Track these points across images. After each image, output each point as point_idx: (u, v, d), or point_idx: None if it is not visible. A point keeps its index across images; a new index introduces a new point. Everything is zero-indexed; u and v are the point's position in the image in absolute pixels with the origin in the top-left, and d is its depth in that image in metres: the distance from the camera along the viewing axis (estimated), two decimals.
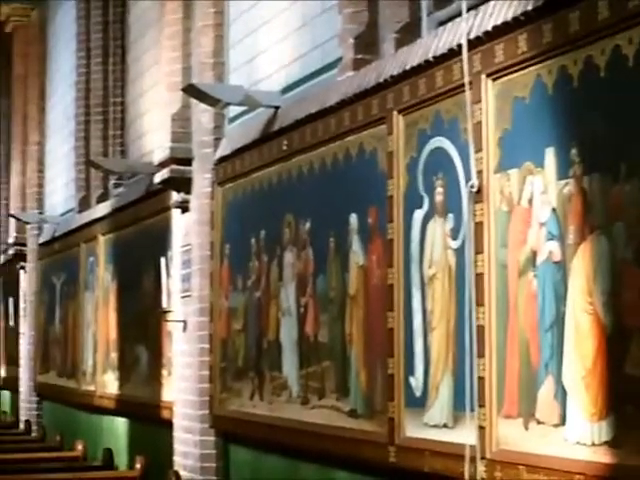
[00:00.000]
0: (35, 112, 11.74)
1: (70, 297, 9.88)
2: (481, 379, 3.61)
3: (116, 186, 9.01)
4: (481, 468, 3.60)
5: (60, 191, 10.90)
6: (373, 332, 4.44)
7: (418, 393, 4.07)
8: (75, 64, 9.90)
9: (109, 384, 8.54)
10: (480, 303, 3.63)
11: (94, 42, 9.51)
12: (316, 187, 5.02)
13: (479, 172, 3.68)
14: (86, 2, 9.67)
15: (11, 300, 12.79)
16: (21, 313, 11.99)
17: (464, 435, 3.69)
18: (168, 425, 6.74)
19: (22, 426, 11.46)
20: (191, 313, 6.42)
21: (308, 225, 5.07)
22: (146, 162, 7.74)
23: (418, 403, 4.06)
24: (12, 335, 12.71)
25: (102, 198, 9.24)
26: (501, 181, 3.60)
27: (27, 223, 11.35)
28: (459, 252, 3.83)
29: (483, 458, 3.59)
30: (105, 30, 9.38)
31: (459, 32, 3.80)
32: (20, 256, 11.74)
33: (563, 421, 3.23)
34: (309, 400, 5.00)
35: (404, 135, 4.24)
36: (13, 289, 12.47)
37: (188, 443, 6.39)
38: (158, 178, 6.69)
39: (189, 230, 6.50)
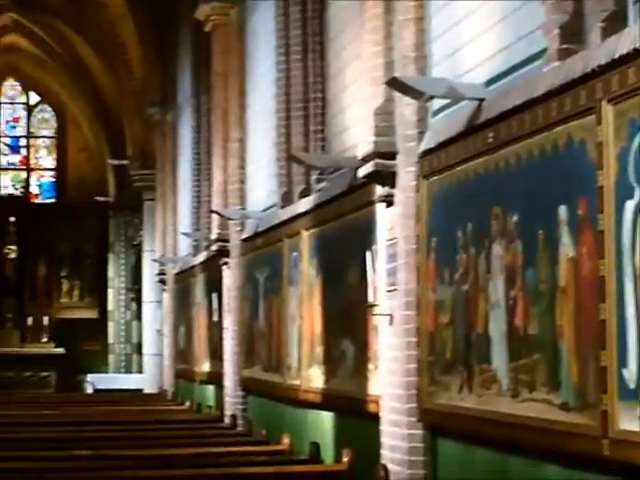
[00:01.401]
0: (235, 109, 12.24)
1: (274, 292, 10.26)
2: None
3: (318, 181, 9.34)
4: None
5: (261, 187, 11.32)
6: (584, 324, 4.57)
7: (632, 385, 4.18)
8: (274, 61, 10.30)
9: (314, 378, 8.84)
10: None
11: (293, 39, 9.90)
12: (523, 179, 5.18)
13: None
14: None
15: (215, 295, 13.38)
16: (225, 308, 12.48)
17: None
18: (374, 419, 7.00)
19: (227, 420, 11.92)
20: (397, 307, 6.66)
21: (516, 217, 5.23)
22: (349, 156, 8.04)
23: (632, 395, 4.18)
24: (216, 330, 13.32)
25: (304, 193, 9.60)
26: None
27: (229, 219, 11.79)
28: None
29: None
30: (304, 26, 9.76)
31: None
32: (223, 252, 12.23)
33: None
34: (519, 393, 5.17)
35: (614, 125, 4.36)
36: (216, 285, 13.04)
37: (395, 437, 6.63)
38: (362, 172, 6.95)
39: (394, 224, 6.74)
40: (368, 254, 7.22)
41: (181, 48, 17.95)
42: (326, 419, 8.71)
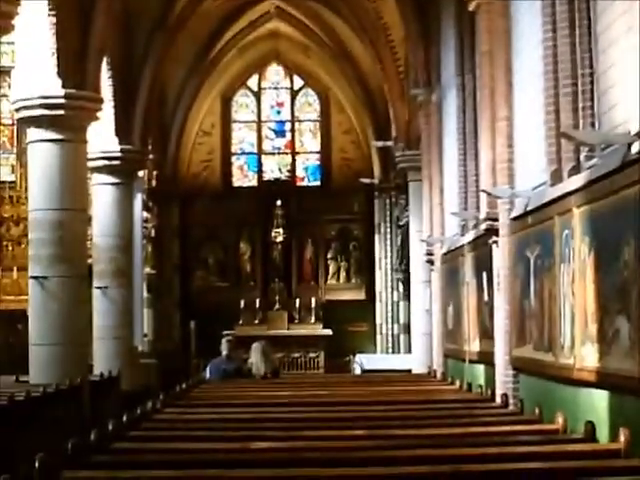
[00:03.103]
0: (502, 87, 12.44)
1: (545, 270, 10.43)
2: None
3: (588, 158, 9.44)
4: None
5: (530, 165, 11.49)
6: None
7: None
8: (541, 38, 10.45)
9: (587, 357, 8.94)
10: None
11: (560, 15, 10.02)
12: None
13: None
14: None
15: (484, 275, 13.70)
16: (494, 287, 12.77)
17: None
18: None
19: (499, 400, 12.13)
20: None
21: None
22: (620, 133, 8.12)
23: None
24: (486, 309, 13.64)
25: (574, 171, 9.74)
26: None
27: (498, 198, 12.07)
28: None
29: None
30: (571, 2, 9.88)
31: None
32: (492, 231, 12.50)
33: None
34: None
35: None
36: (486, 264, 13.35)
37: None
38: (635, 148, 7.06)
39: None
40: None
41: (444, 27, 18.24)
42: (600, 398, 8.77)
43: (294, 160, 31.04)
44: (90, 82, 15.93)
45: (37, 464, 6.52)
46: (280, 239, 29.11)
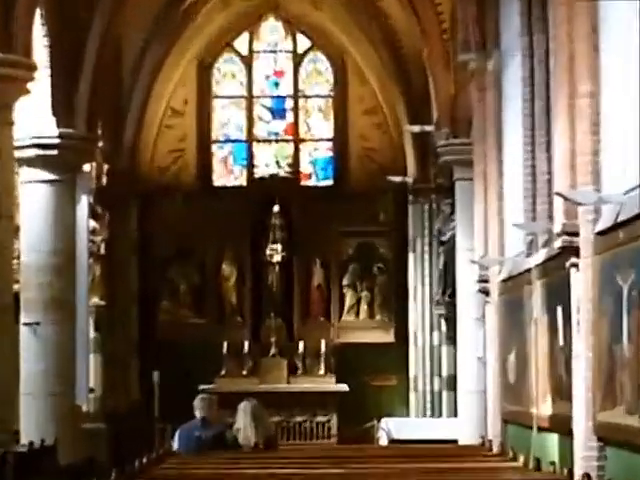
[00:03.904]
0: (584, 51, 12.39)
1: None
2: None
3: None
4: None
5: (622, 160, 11.48)
6: None
7: None
8: None
9: None
10: None
11: None
12: None
13: None
14: None
15: (559, 310, 13.69)
16: (573, 328, 12.75)
17: None
18: None
19: None
20: None
21: None
22: None
23: None
24: (562, 358, 13.61)
25: None
26: None
27: (579, 204, 12.04)
28: None
29: None
30: None
31: None
32: (570, 250, 12.49)
33: None
34: None
35: None
36: (561, 295, 13.33)
37: None
38: None
39: None
40: None
41: None
42: None
43: (297, 150, 31.13)
44: (19, 43, 16.00)
45: None
46: (278, 258, 29.14)
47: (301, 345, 28.73)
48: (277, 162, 31.08)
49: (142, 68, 28.09)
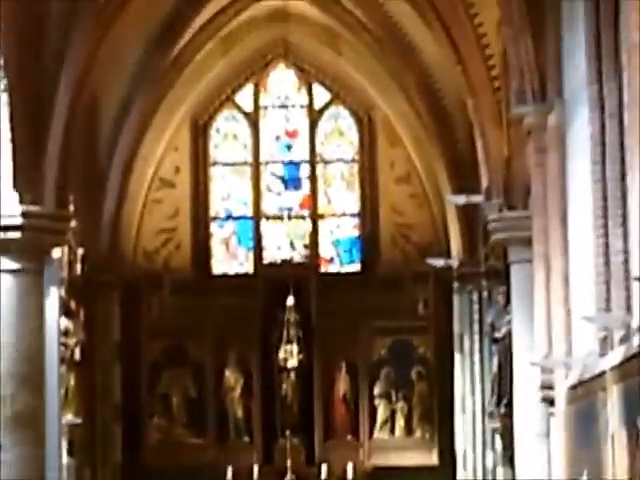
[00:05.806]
0: None
1: None
2: None
3: None
4: None
5: None
6: None
7: None
8: None
9: None
10: None
11: None
12: None
13: None
14: None
15: None
16: None
17: None
18: None
19: None
20: None
21: None
22: None
23: None
24: None
25: None
26: None
27: None
28: None
29: None
30: None
31: None
32: None
33: None
34: None
35: None
36: None
37: None
38: None
39: None
40: None
41: (566, 11, 18.46)
42: None
43: (315, 229, 31.25)
44: None
45: None
46: (293, 363, 29.17)
47: (324, 469, 28.73)
48: (291, 243, 31.23)
49: (123, 128, 28.22)
